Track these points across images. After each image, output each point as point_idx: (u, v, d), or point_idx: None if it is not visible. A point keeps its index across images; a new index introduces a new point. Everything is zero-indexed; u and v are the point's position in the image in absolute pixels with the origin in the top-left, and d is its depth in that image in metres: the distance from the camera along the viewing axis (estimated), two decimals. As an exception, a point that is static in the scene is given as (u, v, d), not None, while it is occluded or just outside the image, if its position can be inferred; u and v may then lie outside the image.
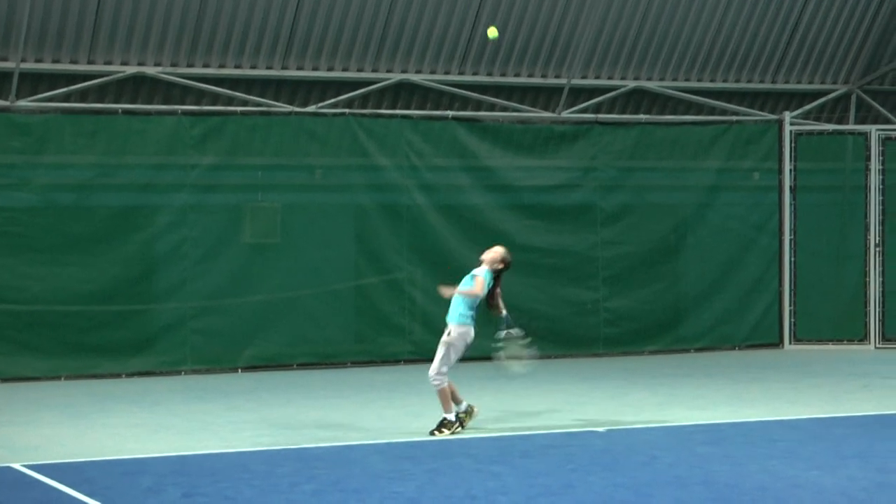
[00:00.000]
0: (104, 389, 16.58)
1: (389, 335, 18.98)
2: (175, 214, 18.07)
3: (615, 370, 18.35)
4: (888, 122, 21.59)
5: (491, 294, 13.08)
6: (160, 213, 18.03)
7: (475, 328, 13.02)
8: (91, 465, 11.39)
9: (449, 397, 12.92)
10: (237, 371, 18.22)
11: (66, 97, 18.00)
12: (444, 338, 12.99)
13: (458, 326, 12.96)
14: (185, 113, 18.18)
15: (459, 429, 12.83)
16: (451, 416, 12.87)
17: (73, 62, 18.02)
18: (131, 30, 17.95)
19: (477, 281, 12.97)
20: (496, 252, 13.21)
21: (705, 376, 17.53)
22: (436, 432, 12.76)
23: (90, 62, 18.07)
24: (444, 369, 12.93)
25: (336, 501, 9.68)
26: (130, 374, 17.75)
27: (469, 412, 13.03)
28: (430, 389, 16.35)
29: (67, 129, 17.66)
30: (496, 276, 13.14)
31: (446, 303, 19.01)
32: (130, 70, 18.20)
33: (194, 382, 17.29)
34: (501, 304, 13.24)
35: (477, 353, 18.83)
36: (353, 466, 11.16)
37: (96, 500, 9.75)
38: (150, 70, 18.29)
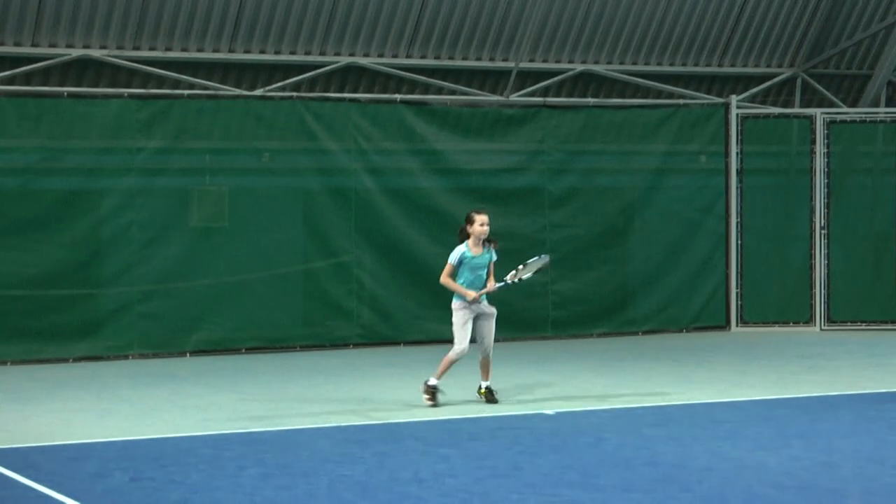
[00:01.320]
0: (50, 374, 16.48)
1: (338, 319, 18.97)
2: (121, 198, 17.97)
3: (563, 353, 18.42)
4: (833, 105, 21.75)
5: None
6: (106, 197, 17.92)
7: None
8: (36, 450, 11.33)
9: (447, 366, 13.43)
10: (185, 355, 18.16)
11: (10, 80, 17.83)
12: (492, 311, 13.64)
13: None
14: (131, 96, 18.07)
15: (430, 400, 13.39)
16: (433, 381, 13.43)
17: (17, 44, 17.86)
18: (76, 12, 17.81)
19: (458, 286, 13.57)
20: (486, 220, 13.78)
21: (652, 359, 17.63)
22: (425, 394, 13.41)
23: (34, 44, 17.92)
24: (455, 343, 13.44)
25: (284, 485, 9.67)
26: (77, 359, 17.66)
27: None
28: (377, 373, 16.39)
29: (11, 113, 17.50)
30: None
31: (394, 287, 19.15)
32: (76, 53, 18.07)
33: (141, 367, 17.22)
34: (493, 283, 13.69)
35: (425, 337, 18.96)
36: (301, 450, 11.15)
37: (42, 485, 9.70)
38: (96, 53, 18.17)
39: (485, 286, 13.54)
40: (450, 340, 13.54)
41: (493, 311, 13.62)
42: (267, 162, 18.81)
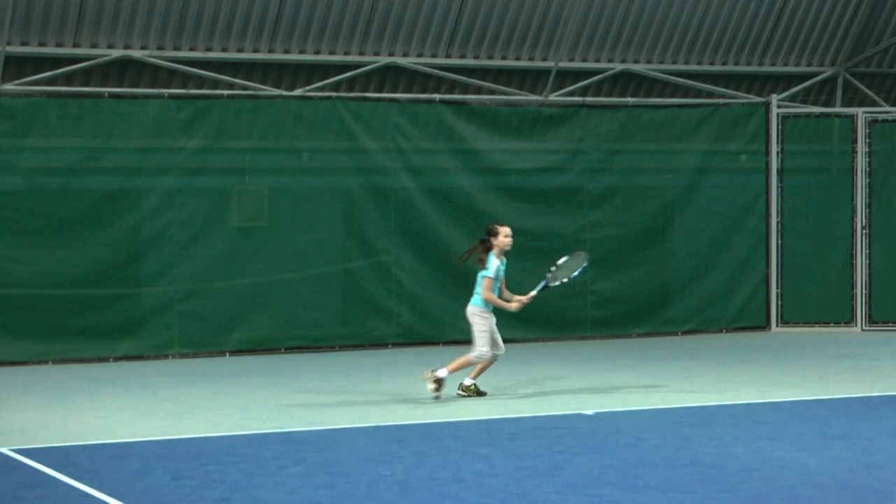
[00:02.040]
0: (91, 373, 16.57)
1: (377, 319, 18.99)
2: (162, 198, 18.04)
3: (602, 353, 18.38)
4: (874, 104, 21.62)
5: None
6: (147, 197, 18.01)
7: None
8: (78, 448, 11.39)
9: (462, 365, 13.76)
10: (224, 355, 18.22)
11: (52, 80, 17.94)
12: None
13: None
14: (171, 96, 18.14)
15: (436, 391, 13.71)
16: (443, 373, 13.71)
17: (59, 45, 17.97)
18: (117, 13, 17.90)
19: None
20: (509, 235, 13.90)
21: (692, 359, 17.57)
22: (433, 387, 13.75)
23: (76, 45, 18.02)
24: (478, 347, 13.81)
25: (324, 484, 9.69)
26: (118, 358, 17.74)
27: (470, 388, 13.90)
28: (416, 372, 16.42)
29: (53, 113, 17.60)
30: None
31: (433, 286, 19.15)
32: (116, 53, 18.16)
33: (181, 366, 17.29)
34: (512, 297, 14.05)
35: (464, 336, 18.95)
36: (341, 449, 11.17)
37: (83, 483, 9.76)
38: (136, 53, 18.25)
39: (500, 296, 13.81)
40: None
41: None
42: (306, 162, 18.85)
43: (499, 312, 13.98)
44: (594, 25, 20.09)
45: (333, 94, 18.96)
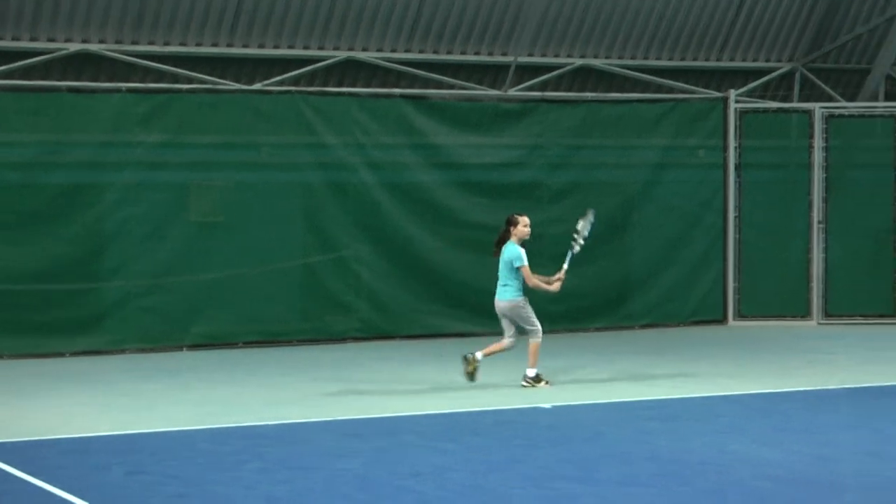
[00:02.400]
0: (48, 369, 16.48)
1: (336, 313, 18.96)
2: (121, 192, 17.95)
3: (562, 347, 18.41)
4: (832, 99, 21.75)
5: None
6: (106, 192, 17.91)
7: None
8: (35, 444, 11.34)
9: (537, 353, 14.33)
10: (183, 349, 18.16)
11: (9, 74, 17.82)
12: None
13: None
14: (130, 91, 18.05)
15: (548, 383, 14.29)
16: (532, 372, 14.36)
17: (16, 39, 17.85)
18: (75, 6, 17.80)
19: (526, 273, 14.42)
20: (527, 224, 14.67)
21: (651, 353, 17.64)
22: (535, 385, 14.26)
23: (33, 39, 17.91)
24: (537, 328, 14.40)
25: (282, 479, 9.68)
26: (75, 353, 17.65)
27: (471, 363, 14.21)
28: (375, 367, 16.41)
29: (11, 107, 17.47)
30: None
31: (392, 281, 19.12)
32: (74, 47, 18.06)
33: (140, 361, 17.22)
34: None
35: (423, 331, 18.97)
36: (300, 444, 11.16)
37: (39, 479, 9.71)
38: (95, 47, 18.15)
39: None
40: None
41: None
42: (266, 156, 18.80)
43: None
44: (553, 20, 20.13)
45: (293, 88, 18.91)
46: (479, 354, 14.18)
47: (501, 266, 14.38)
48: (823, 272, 20.88)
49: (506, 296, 14.23)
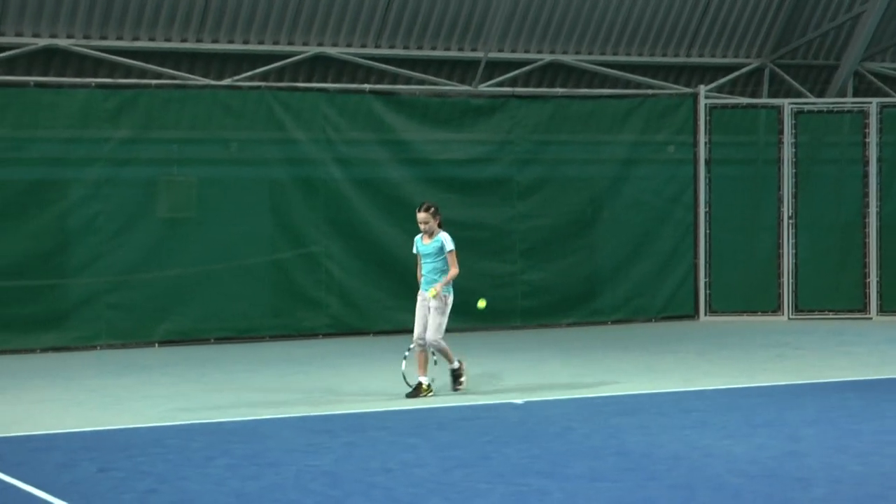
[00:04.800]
0: (16, 365, 16.40)
1: (306, 309, 18.94)
2: (89, 188, 17.89)
3: (532, 342, 18.44)
4: (800, 95, 21.83)
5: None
6: (73, 187, 17.84)
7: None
8: (2, 440, 11.27)
9: (445, 353, 13.43)
10: (153, 345, 18.10)
11: (-24, 69, 17.74)
12: (435, 304, 13.24)
13: (447, 295, 13.37)
14: (98, 86, 17.98)
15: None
16: (456, 364, 13.53)
17: (-17, 34, 17.77)
18: (42, 0, 17.70)
19: (453, 260, 13.46)
20: (422, 217, 13.64)
21: (621, 348, 17.67)
22: (458, 387, 13.49)
23: (0, 33, 17.81)
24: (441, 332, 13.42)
25: (251, 475, 9.65)
26: (44, 350, 17.58)
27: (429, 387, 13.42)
28: (344, 363, 16.37)
29: (-23, 102, 17.41)
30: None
31: (362, 277, 19.10)
32: (42, 42, 17.97)
33: (109, 357, 17.16)
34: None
35: (393, 327, 18.95)
36: (269, 440, 11.13)
37: (8, 475, 9.66)
38: (63, 42, 18.07)
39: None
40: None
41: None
42: (235, 152, 18.76)
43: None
44: (523, 16, 20.13)
45: (262, 83, 18.87)
46: (423, 380, 13.34)
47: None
48: (793, 267, 20.95)
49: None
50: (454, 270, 13.44)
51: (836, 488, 9.12)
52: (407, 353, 13.36)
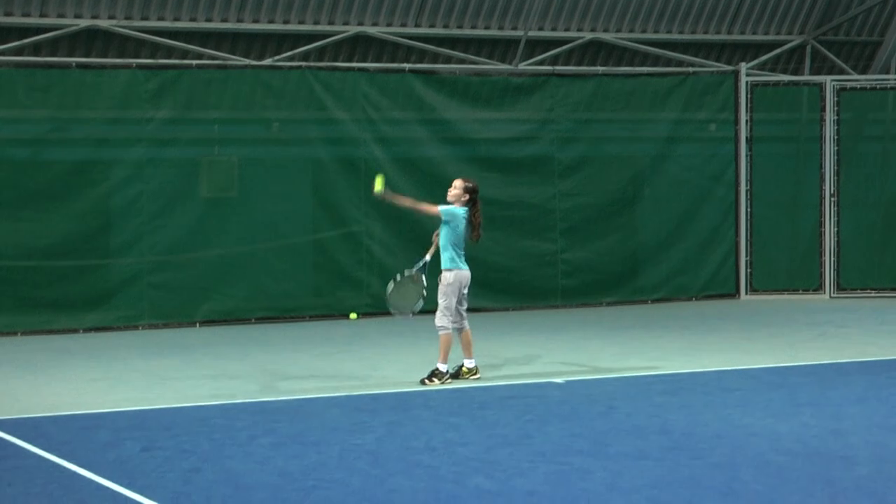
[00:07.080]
0: (61, 345, 16.52)
1: (347, 289, 18.98)
2: (131, 169, 17.96)
3: (573, 322, 18.43)
4: (843, 72, 21.68)
5: (473, 226, 13.07)
6: (116, 168, 17.92)
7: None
8: (48, 420, 11.37)
9: (447, 347, 12.88)
10: (195, 325, 18.19)
11: (19, 51, 17.82)
12: (439, 285, 13.00)
13: (445, 272, 13.01)
14: (139, 66, 18.04)
15: (449, 380, 12.90)
16: (443, 367, 12.91)
17: (25, 15, 17.84)
18: (84, -18, 17.79)
19: (431, 208, 13.07)
20: (454, 188, 13.19)
21: (662, 327, 17.63)
22: (426, 381, 12.88)
23: (42, 15, 17.90)
24: (443, 316, 12.92)
25: (295, 454, 9.70)
26: (87, 330, 17.69)
27: (470, 370, 13.11)
28: (386, 342, 16.41)
29: (21, 84, 17.48)
30: (472, 205, 13.11)
31: (403, 256, 19.11)
32: (84, 23, 18.05)
33: (152, 337, 17.26)
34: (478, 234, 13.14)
35: (434, 307, 18.92)
36: (312, 419, 11.18)
37: (53, 454, 9.74)
38: (104, 23, 18.13)
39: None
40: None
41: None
42: (276, 132, 18.80)
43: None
44: (564, -6, 20.07)
45: (303, 63, 18.89)
46: (468, 363, 13.11)
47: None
48: (836, 245, 20.84)
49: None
50: (426, 206, 13.14)
51: (881, 466, 9.09)
52: (398, 277, 13.21)
